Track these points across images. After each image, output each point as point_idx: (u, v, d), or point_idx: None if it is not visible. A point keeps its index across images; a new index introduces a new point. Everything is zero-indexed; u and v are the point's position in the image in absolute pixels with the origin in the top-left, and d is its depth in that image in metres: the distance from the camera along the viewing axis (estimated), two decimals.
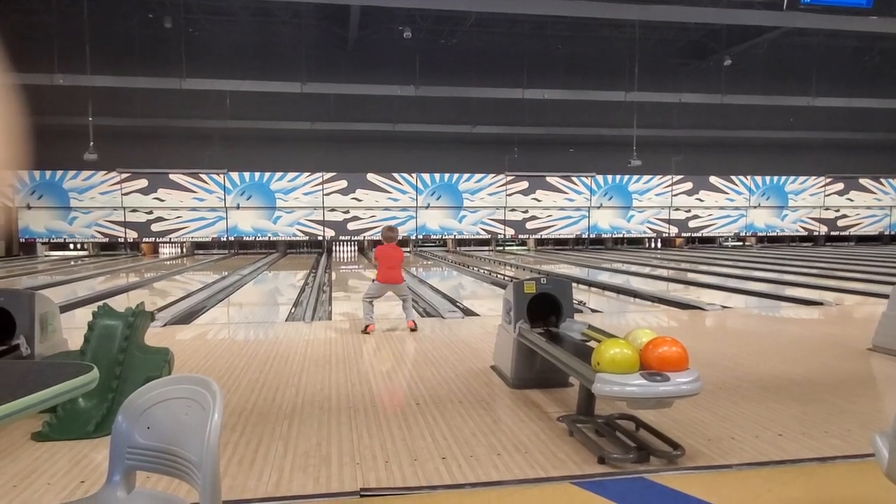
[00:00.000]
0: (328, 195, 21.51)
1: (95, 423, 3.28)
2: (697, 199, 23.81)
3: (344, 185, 21.57)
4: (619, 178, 23.17)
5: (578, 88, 20.84)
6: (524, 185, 22.70)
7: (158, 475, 1.55)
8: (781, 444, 3.13)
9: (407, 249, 21.92)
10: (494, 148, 22.51)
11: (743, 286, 10.66)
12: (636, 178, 23.12)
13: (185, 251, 21.41)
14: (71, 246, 21.08)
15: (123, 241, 20.81)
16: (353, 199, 21.63)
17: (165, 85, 18.58)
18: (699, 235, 24.16)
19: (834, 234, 24.86)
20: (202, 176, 20.82)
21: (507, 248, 22.95)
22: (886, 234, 25.22)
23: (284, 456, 3.01)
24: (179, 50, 18.59)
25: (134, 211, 20.63)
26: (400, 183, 21.96)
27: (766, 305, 8.86)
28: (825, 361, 4.97)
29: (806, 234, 24.82)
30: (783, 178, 24.24)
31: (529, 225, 22.97)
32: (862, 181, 24.75)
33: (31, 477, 2.78)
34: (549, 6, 16.96)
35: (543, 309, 4.28)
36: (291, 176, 21.26)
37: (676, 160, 23.28)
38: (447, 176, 22.24)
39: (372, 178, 21.73)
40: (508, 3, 16.63)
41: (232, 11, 19.44)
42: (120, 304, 4.29)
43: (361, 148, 21.80)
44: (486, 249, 22.50)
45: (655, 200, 23.59)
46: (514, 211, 22.78)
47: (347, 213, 21.64)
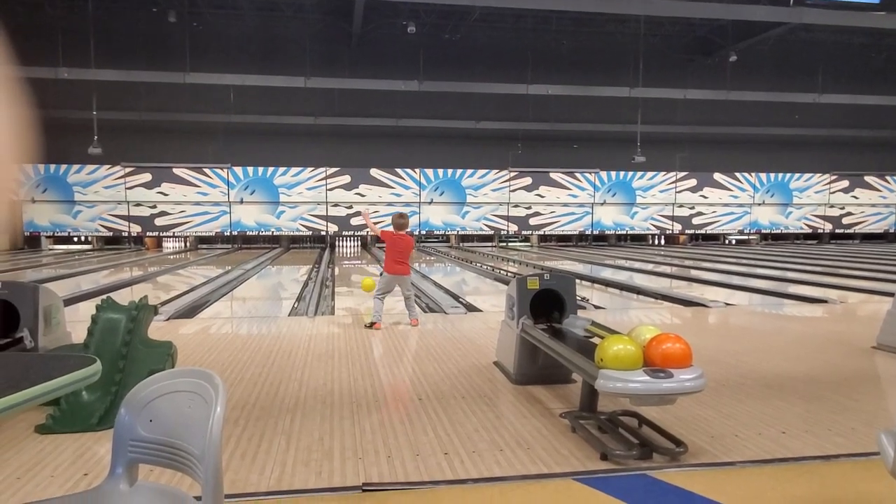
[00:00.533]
0: (331, 190, 21.51)
1: (99, 415, 3.29)
2: (701, 195, 23.74)
3: (347, 180, 21.57)
4: (622, 174, 23.11)
5: (583, 84, 20.77)
6: (528, 180, 22.66)
7: (161, 468, 1.55)
8: (785, 441, 3.12)
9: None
10: (498, 143, 22.48)
11: (747, 283, 10.64)
12: (640, 174, 23.06)
13: (188, 245, 21.45)
14: (75, 240, 21.14)
15: (127, 235, 20.86)
16: (356, 194, 21.63)
17: (169, 79, 18.59)
18: (703, 232, 24.10)
19: (839, 231, 24.78)
20: (206, 170, 20.84)
21: (509, 244, 22.93)
22: (892, 231, 25.12)
23: (287, 450, 3.01)
24: (183, 44, 18.58)
25: (138, 205, 20.67)
26: (403, 178, 21.95)
27: (770, 303, 8.83)
28: (829, 359, 4.96)
29: (810, 231, 24.74)
30: (788, 175, 24.15)
31: (533, 221, 22.94)
32: (867, 179, 24.64)
33: (34, 469, 2.79)
34: (553, 1, 16.89)
35: (546, 305, 4.27)
36: (295, 171, 21.26)
37: (681, 157, 23.21)
38: (450, 171, 22.21)
39: (375, 173, 21.72)
40: None
41: (236, 6, 19.42)
42: (123, 297, 4.30)
43: (365, 143, 21.79)
44: (489, 245, 22.48)
45: (659, 197, 23.53)
46: (517, 207, 22.75)
47: (351, 208, 21.64)
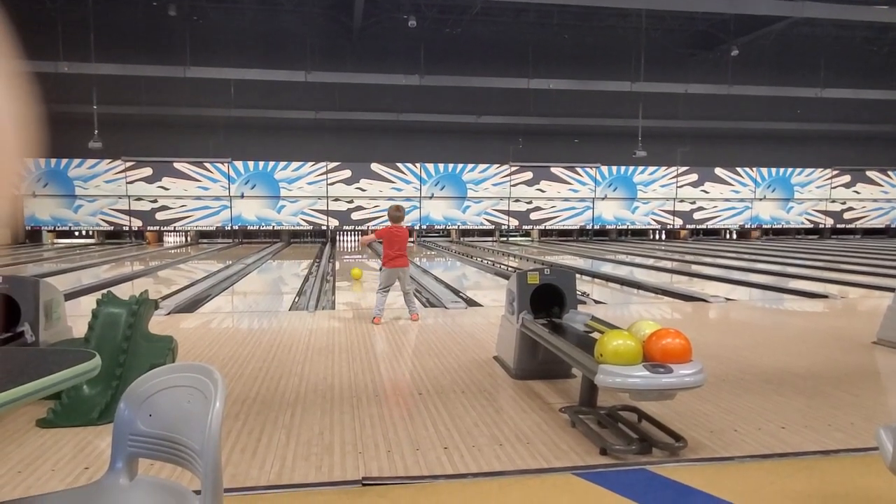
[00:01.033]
0: (332, 185, 21.50)
1: (100, 410, 3.29)
2: (703, 190, 23.71)
3: (348, 174, 21.56)
4: (623, 169, 23.08)
5: (584, 78, 20.72)
6: (528, 175, 22.64)
7: (161, 463, 1.56)
8: (784, 436, 3.13)
9: (411, 240, 21.90)
10: (499, 138, 22.44)
11: (747, 278, 10.63)
12: (641, 169, 23.03)
13: (189, 240, 21.46)
14: (76, 234, 21.17)
15: (128, 229, 20.87)
16: (357, 188, 21.62)
17: (170, 73, 18.56)
18: (704, 227, 24.09)
19: (840, 226, 24.75)
20: (206, 165, 20.83)
21: (510, 238, 22.92)
22: (893, 226, 25.10)
23: (287, 445, 3.02)
24: (184, 38, 18.55)
25: (139, 199, 20.68)
26: (404, 173, 21.93)
27: (770, 298, 8.83)
28: (829, 354, 4.96)
29: (812, 226, 24.72)
30: (789, 170, 24.11)
31: (533, 216, 22.93)
32: (869, 173, 24.60)
33: (35, 463, 2.80)
34: None
35: (547, 300, 4.27)
36: (296, 165, 21.25)
37: (682, 151, 23.17)
38: (451, 166, 22.19)
39: (376, 167, 21.71)
40: None
41: (237, 0, 19.38)
42: (124, 292, 4.30)
43: (366, 137, 21.76)
44: (489, 240, 22.48)
45: (660, 192, 23.50)
46: (518, 202, 22.74)
47: (351, 202, 21.64)
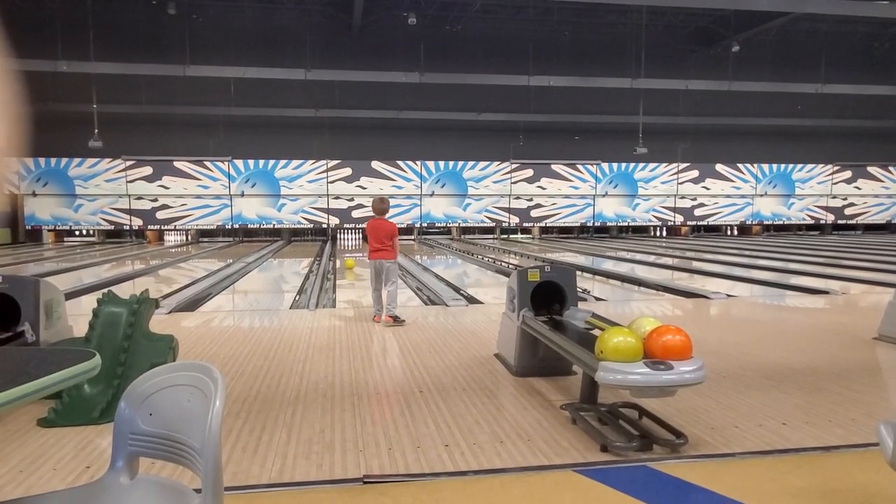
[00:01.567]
0: (332, 183, 21.50)
1: (101, 409, 3.30)
2: (704, 187, 23.69)
3: (348, 172, 21.55)
4: (624, 165, 23.06)
5: (584, 75, 20.68)
6: (529, 172, 22.62)
7: (162, 462, 1.56)
8: (785, 433, 3.13)
9: (412, 237, 21.92)
10: (499, 135, 22.41)
11: (748, 275, 10.62)
12: (642, 165, 23.01)
13: (189, 239, 21.47)
14: (77, 233, 21.18)
15: (129, 228, 20.88)
16: (357, 186, 21.61)
17: (169, 72, 18.54)
18: (705, 224, 24.07)
19: (841, 222, 24.73)
20: (207, 163, 20.82)
21: (510, 237, 22.91)
22: (894, 222, 25.06)
23: (288, 443, 3.02)
24: (183, 36, 18.52)
25: (139, 198, 20.68)
26: (404, 171, 21.92)
27: (771, 294, 8.83)
28: (830, 350, 4.96)
29: (813, 222, 24.69)
30: (790, 165, 24.08)
31: (534, 213, 22.92)
32: (870, 169, 24.56)
33: (37, 462, 2.80)
34: None
35: (547, 297, 4.27)
36: (296, 163, 21.24)
37: (683, 148, 23.14)
38: (452, 163, 22.17)
39: (376, 165, 21.69)
40: None
41: None
42: (125, 291, 4.30)
43: (366, 135, 21.74)
44: (490, 237, 22.47)
45: (661, 188, 23.48)
46: (518, 199, 22.72)
47: (352, 200, 21.63)
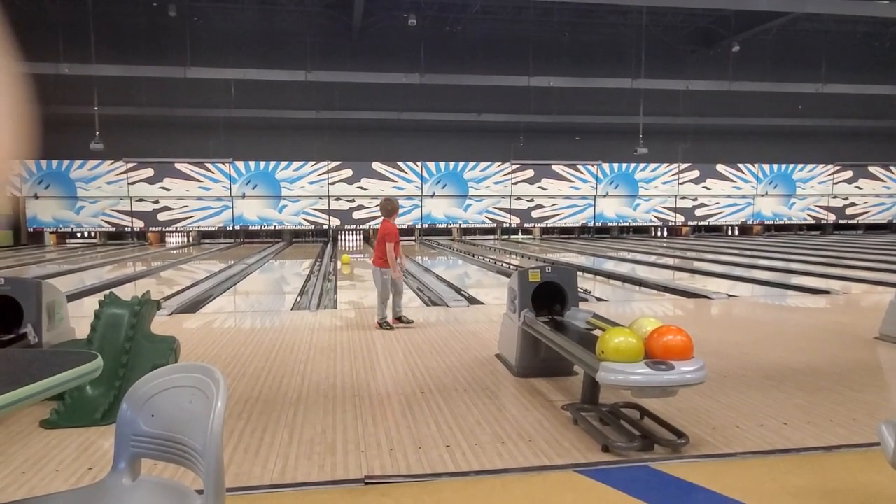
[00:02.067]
0: (333, 184, 21.51)
1: (103, 410, 3.30)
2: (704, 187, 23.68)
3: (349, 173, 21.56)
4: (625, 166, 23.05)
5: (584, 76, 20.69)
6: (530, 173, 22.62)
7: (164, 463, 1.56)
8: (786, 433, 3.13)
9: (412, 238, 21.93)
10: (500, 136, 22.42)
11: (749, 275, 10.62)
12: (642, 166, 23.00)
13: (191, 240, 21.49)
14: (78, 235, 21.21)
15: (130, 230, 20.91)
16: (358, 187, 21.62)
17: (170, 74, 18.57)
18: (706, 224, 24.05)
19: (842, 222, 24.70)
20: (208, 165, 20.85)
21: (511, 238, 22.92)
22: (895, 222, 25.03)
23: (290, 444, 3.03)
24: (184, 38, 18.55)
25: (140, 200, 20.70)
26: (405, 171, 21.93)
27: (772, 294, 8.82)
28: (831, 350, 4.95)
29: (814, 222, 24.67)
30: (791, 165, 24.06)
31: (535, 213, 22.92)
32: (871, 169, 24.54)
33: (39, 464, 2.81)
34: None
35: (548, 297, 4.28)
36: (297, 165, 21.26)
37: (683, 148, 23.13)
38: (452, 164, 22.18)
39: (377, 166, 21.71)
40: None
41: None
42: (127, 292, 4.31)
43: (366, 136, 21.76)
44: (491, 238, 22.47)
45: (662, 189, 23.47)
46: (519, 199, 22.73)
47: (353, 201, 21.64)
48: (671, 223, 23.85)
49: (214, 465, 1.34)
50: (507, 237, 22.84)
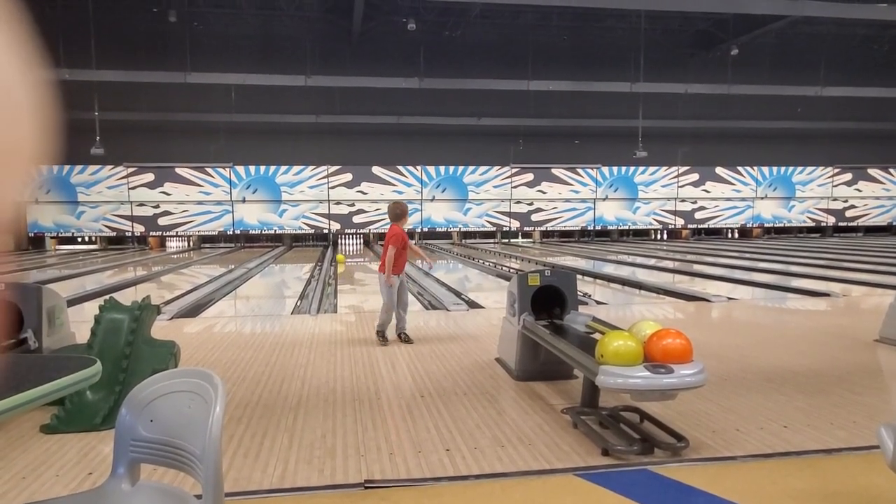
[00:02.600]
0: (333, 188, 21.53)
1: (103, 415, 3.30)
2: (704, 190, 23.69)
3: (349, 178, 21.58)
4: (624, 169, 23.07)
5: (584, 80, 20.72)
6: (529, 177, 22.64)
7: (164, 468, 1.57)
8: (786, 435, 3.13)
9: (412, 242, 21.91)
10: (499, 140, 22.44)
11: (749, 277, 10.62)
12: (642, 169, 23.02)
13: (191, 245, 21.50)
14: (79, 240, 21.22)
15: (131, 235, 20.92)
16: (358, 192, 21.64)
17: (171, 79, 18.60)
18: (705, 227, 24.06)
19: (842, 224, 24.70)
20: (208, 170, 20.87)
21: (511, 241, 22.92)
22: (895, 224, 25.03)
23: (289, 448, 3.03)
24: (184, 44, 18.59)
25: (141, 205, 20.72)
26: (405, 175, 21.95)
27: (772, 297, 8.82)
28: (832, 353, 4.95)
29: (813, 224, 24.67)
30: (790, 168, 24.07)
31: (535, 217, 22.92)
32: (871, 171, 24.55)
33: (39, 469, 2.81)
34: None
35: (548, 301, 4.28)
36: (297, 169, 21.28)
37: (683, 151, 23.15)
38: (452, 168, 22.20)
39: (377, 170, 21.73)
40: None
41: (236, 4, 19.42)
42: (127, 297, 4.31)
43: (366, 141, 21.78)
44: (491, 242, 22.48)
45: (661, 192, 23.48)
46: (519, 203, 22.74)
47: (353, 206, 21.66)
48: (671, 226, 23.86)
49: (213, 469, 1.34)
50: (506, 241, 22.84)
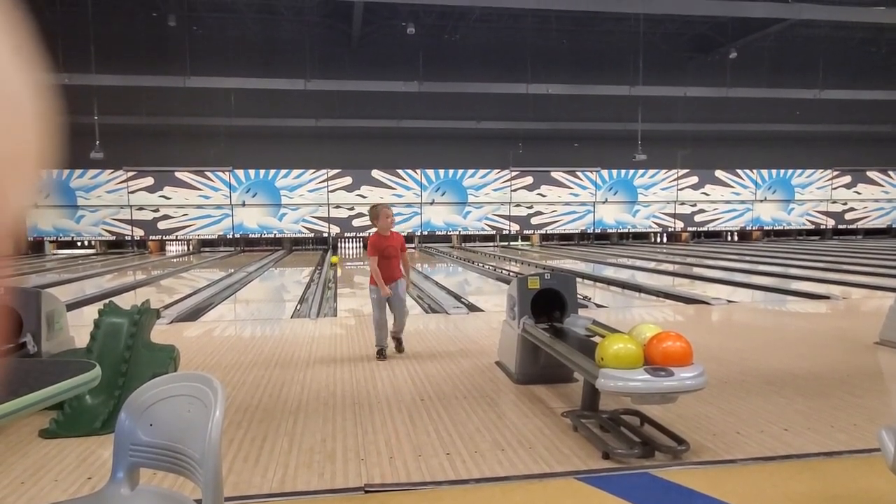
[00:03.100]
0: (333, 192, 21.54)
1: (102, 419, 3.30)
2: (703, 193, 23.71)
3: (349, 181, 21.59)
4: (624, 172, 23.09)
5: (583, 83, 20.75)
6: (529, 180, 22.65)
7: (163, 472, 1.56)
8: (787, 438, 3.12)
9: (412, 246, 21.94)
10: (499, 143, 22.47)
11: (749, 280, 10.62)
12: (641, 172, 23.04)
13: (191, 249, 21.50)
14: (78, 244, 21.22)
15: (130, 239, 20.92)
16: (357, 195, 21.65)
17: (170, 83, 18.62)
18: (705, 230, 24.07)
19: (841, 227, 24.72)
20: (208, 173, 20.88)
21: (511, 245, 22.93)
22: (894, 226, 25.06)
23: (289, 452, 3.02)
24: (184, 48, 18.61)
25: (140, 209, 20.72)
26: (405, 179, 21.96)
27: (772, 300, 8.82)
28: (832, 355, 4.95)
29: (813, 227, 24.69)
30: (790, 171, 24.10)
31: (534, 220, 22.93)
32: (870, 174, 24.59)
33: (38, 473, 2.80)
34: (552, 0, 16.89)
35: (548, 304, 4.28)
36: (296, 173, 21.30)
37: (682, 154, 23.18)
38: (452, 172, 22.22)
39: (377, 174, 21.74)
40: None
41: (236, 9, 19.45)
42: (127, 301, 4.31)
43: (366, 144, 21.80)
44: (491, 245, 22.48)
45: (661, 195, 23.50)
46: (518, 206, 22.75)
47: (352, 209, 21.66)
48: (670, 229, 23.87)
49: (213, 474, 1.34)
50: (506, 244, 22.85)
